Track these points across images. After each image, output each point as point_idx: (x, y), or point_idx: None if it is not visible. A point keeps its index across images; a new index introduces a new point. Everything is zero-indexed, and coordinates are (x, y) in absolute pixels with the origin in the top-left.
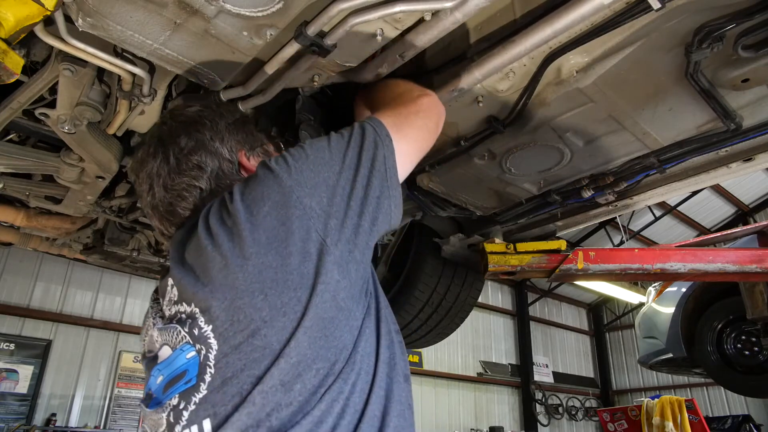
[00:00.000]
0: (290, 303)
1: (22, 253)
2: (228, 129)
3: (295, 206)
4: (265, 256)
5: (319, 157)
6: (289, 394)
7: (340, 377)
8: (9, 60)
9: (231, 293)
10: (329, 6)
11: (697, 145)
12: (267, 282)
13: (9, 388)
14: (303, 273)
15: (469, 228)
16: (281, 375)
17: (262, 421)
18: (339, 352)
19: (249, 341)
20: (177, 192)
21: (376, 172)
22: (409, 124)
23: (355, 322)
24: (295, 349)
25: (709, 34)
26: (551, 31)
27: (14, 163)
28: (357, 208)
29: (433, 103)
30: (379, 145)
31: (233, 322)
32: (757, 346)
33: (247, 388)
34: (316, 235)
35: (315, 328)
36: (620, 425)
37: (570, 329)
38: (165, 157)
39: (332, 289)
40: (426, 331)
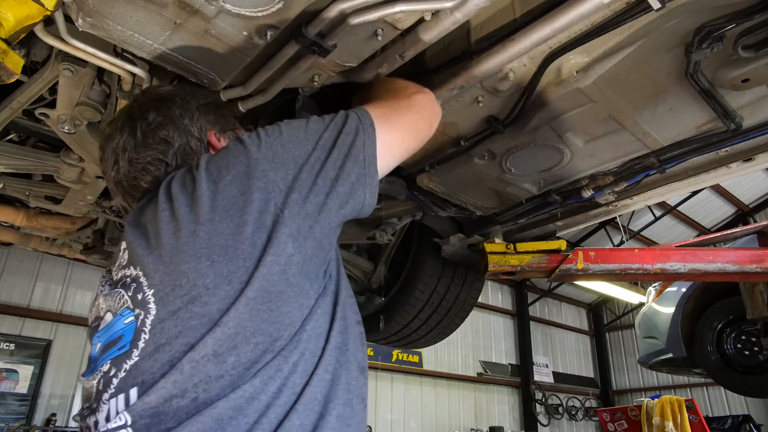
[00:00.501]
0: (237, 272)
1: (22, 253)
2: (199, 108)
3: (258, 178)
4: (219, 222)
5: (293, 135)
6: (222, 366)
7: (281, 354)
8: (9, 60)
9: (177, 257)
10: (329, 6)
11: (697, 145)
12: (216, 248)
13: (9, 388)
14: (255, 242)
15: (469, 228)
16: (215, 345)
17: (188, 391)
18: (283, 329)
19: (188, 307)
20: (142, 165)
21: (352, 157)
22: (397, 117)
23: (306, 300)
24: (235, 320)
25: (709, 34)
26: (551, 30)
27: (14, 163)
28: (325, 187)
29: (428, 102)
30: (360, 132)
31: (174, 287)
32: (757, 346)
33: (178, 356)
34: (275, 207)
35: (259, 300)
36: (620, 425)
37: (570, 329)
38: (132, 132)
39: (283, 262)
40: (426, 331)
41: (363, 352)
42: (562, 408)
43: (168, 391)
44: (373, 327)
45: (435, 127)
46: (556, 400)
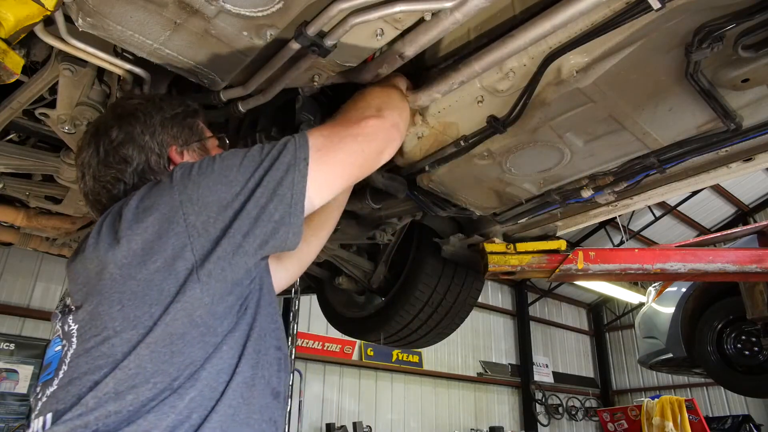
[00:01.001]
0: (142, 317)
1: (22, 253)
2: (162, 123)
3: (178, 222)
4: (133, 267)
5: (223, 175)
6: (121, 402)
7: (177, 392)
8: (9, 60)
9: (97, 298)
10: (329, 6)
11: (697, 145)
12: (127, 293)
13: (9, 388)
14: (162, 290)
15: (469, 228)
16: (116, 384)
17: (90, 424)
18: (184, 368)
19: (98, 347)
20: (103, 184)
21: (277, 196)
22: (339, 148)
23: (213, 338)
24: (135, 362)
25: (709, 34)
26: (550, 26)
27: (14, 163)
28: (244, 228)
29: (379, 128)
30: (291, 169)
31: (91, 326)
32: (757, 346)
33: (84, 392)
34: (191, 254)
35: (160, 344)
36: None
37: (570, 329)
38: (96, 149)
39: (189, 306)
40: (426, 331)
41: (279, 378)
42: (562, 408)
43: (74, 423)
44: (372, 328)
45: (388, 153)
46: (556, 400)
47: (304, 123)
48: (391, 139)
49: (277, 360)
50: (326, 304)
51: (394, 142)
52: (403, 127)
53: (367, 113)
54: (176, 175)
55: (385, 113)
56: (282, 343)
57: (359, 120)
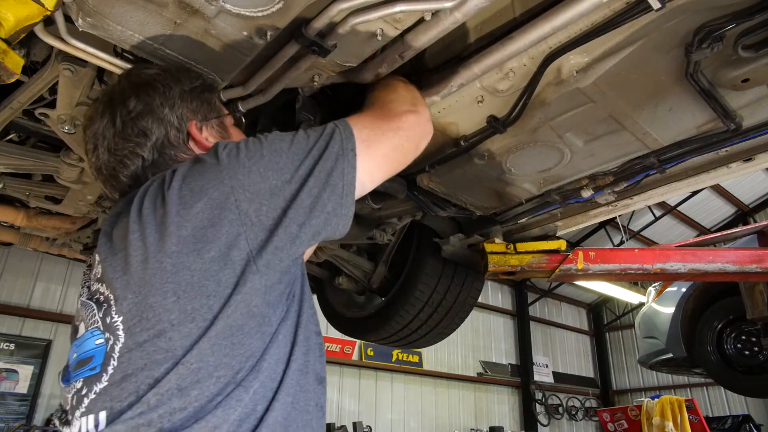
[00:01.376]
0: (201, 310)
1: (22, 253)
2: (182, 96)
3: (230, 209)
4: (186, 256)
5: (273, 161)
6: (185, 398)
7: (241, 385)
8: (9, 60)
9: (145, 289)
10: (329, 6)
11: (697, 145)
12: (182, 284)
13: (9, 388)
14: (220, 281)
15: (469, 228)
16: (179, 380)
17: (153, 422)
18: (245, 361)
19: (153, 341)
20: (119, 157)
21: (329, 186)
22: (383, 141)
23: (268, 328)
24: (197, 356)
25: (709, 34)
26: (550, 28)
27: (14, 163)
28: (300, 219)
29: (417, 122)
30: (340, 159)
31: (141, 319)
32: (757, 346)
33: (143, 389)
34: (245, 243)
35: (221, 336)
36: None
37: (570, 329)
38: (112, 119)
39: (248, 298)
40: (426, 331)
41: (321, 363)
42: (562, 408)
43: (136, 422)
44: (372, 328)
45: (422, 147)
46: (556, 400)
47: (304, 123)
48: (427, 132)
49: (318, 345)
50: (326, 304)
51: (428, 136)
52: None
53: (405, 107)
54: (222, 156)
55: (420, 108)
56: (319, 327)
57: (399, 114)
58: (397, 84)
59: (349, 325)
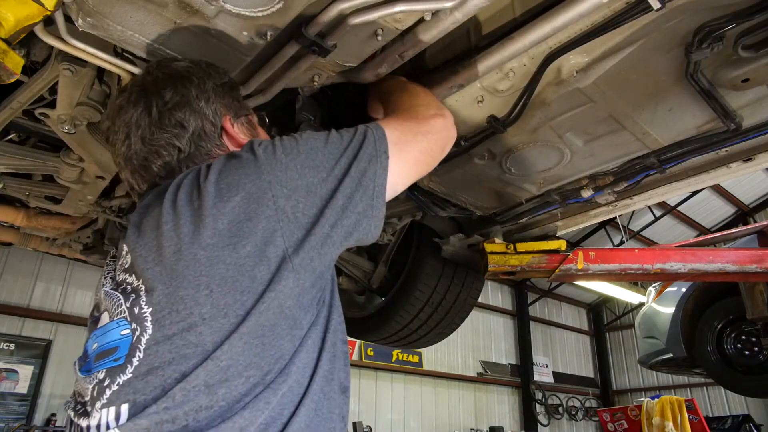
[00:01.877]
0: (234, 305)
1: (22, 253)
2: (215, 90)
3: (267, 205)
4: (221, 249)
5: (310, 158)
6: (212, 397)
7: (270, 387)
8: (9, 60)
9: (177, 280)
10: (329, 6)
11: (697, 145)
12: (216, 278)
13: (9, 388)
14: (255, 277)
15: (469, 228)
16: (207, 376)
17: (178, 418)
18: (274, 362)
19: (183, 335)
20: (155, 148)
21: (362, 188)
22: (414, 144)
23: (299, 331)
24: (227, 353)
25: (709, 34)
26: (550, 28)
27: (14, 163)
28: (332, 219)
29: (445, 126)
30: (373, 161)
31: (171, 311)
32: (757, 346)
33: (170, 383)
34: (281, 240)
35: (253, 335)
36: (620, 425)
37: (570, 329)
38: (147, 108)
39: (281, 297)
40: (426, 331)
41: (346, 372)
42: (562, 408)
43: (160, 417)
44: (372, 328)
45: (447, 150)
46: (556, 400)
47: (304, 123)
48: (453, 136)
49: (344, 354)
50: None
51: (453, 139)
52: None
53: (432, 111)
54: (259, 152)
55: (445, 112)
56: (346, 336)
57: (428, 118)
58: (416, 88)
59: (349, 325)
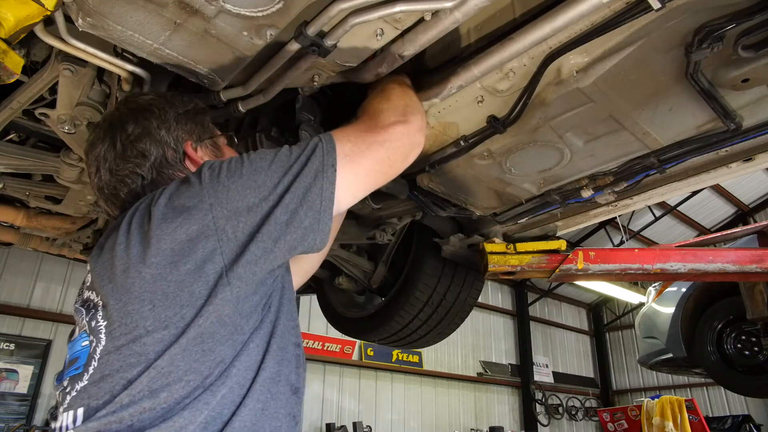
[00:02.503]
0: (174, 318)
1: (22, 253)
2: (177, 118)
3: (208, 226)
4: (164, 267)
5: (252, 179)
6: (155, 399)
7: (209, 389)
8: (9, 60)
9: (126, 296)
10: (329, 6)
11: (697, 145)
12: (158, 293)
13: (9, 388)
14: (193, 292)
15: (469, 228)
16: (150, 382)
17: (124, 419)
18: (215, 366)
19: (129, 345)
20: (120, 177)
21: (306, 203)
22: (366, 156)
23: (240, 336)
24: (168, 361)
25: (709, 34)
26: (550, 29)
27: (14, 163)
28: (275, 234)
29: (405, 134)
30: (319, 176)
31: (121, 324)
32: (757, 346)
33: (118, 390)
34: (220, 258)
35: (192, 343)
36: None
37: (570, 329)
38: (112, 143)
39: (219, 308)
40: (426, 331)
41: (298, 374)
42: (562, 408)
43: (107, 419)
44: (373, 328)
45: (412, 158)
46: (556, 400)
47: (304, 123)
48: (417, 143)
49: (296, 356)
50: (326, 304)
51: (418, 146)
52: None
53: (393, 118)
54: (205, 176)
55: (410, 117)
56: (299, 339)
57: (386, 126)
58: (391, 90)
59: (349, 325)
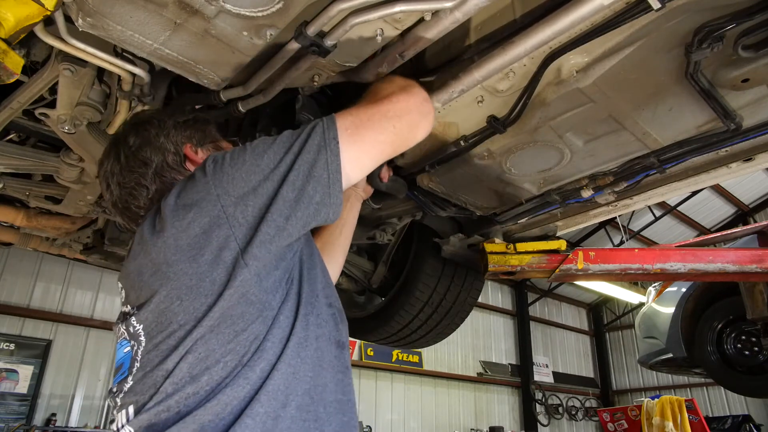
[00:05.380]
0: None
1: (22, 253)
2: (176, 126)
3: (219, 216)
4: (183, 263)
5: (255, 163)
6: (197, 384)
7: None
8: (9, 60)
9: (157, 297)
10: (329, 6)
11: (697, 145)
12: (183, 289)
13: (9, 388)
14: (215, 280)
15: (469, 228)
16: (190, 369)
17: (172, 407)
18: (249, 344)
19: (166, 341)
20: (128, 190)
21: (313, 179)
22: (370, 126)
23: (270, 312)
24: (203, 346)
25: (709, 34)
26: (551, 32)
27: (14, 163)
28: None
29: (408, 101)
30: (323, 150)
31: (157, 324)
32: (757, 346)
33: (160, 381)
34: (235, 243)
35: (223, 326)
36: (620, 425)
37: (570, 329)
38: (117, 157)
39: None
40: (426, 331)
41: (339, 330)
42: (562, 408)
43: (156, 409)
44: (372, 328)
45: (423, 128)
46: (556, 400)
47: (304, 123)
48: (425, 112)
49: (332, 316)
50: None
51: (429, 116)
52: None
53: (393, 89)
54: (209, 168)
55: (411, 88)
56: (333, 299)
57: (386, 96)
58: (393, 76)
59: (349, 325)
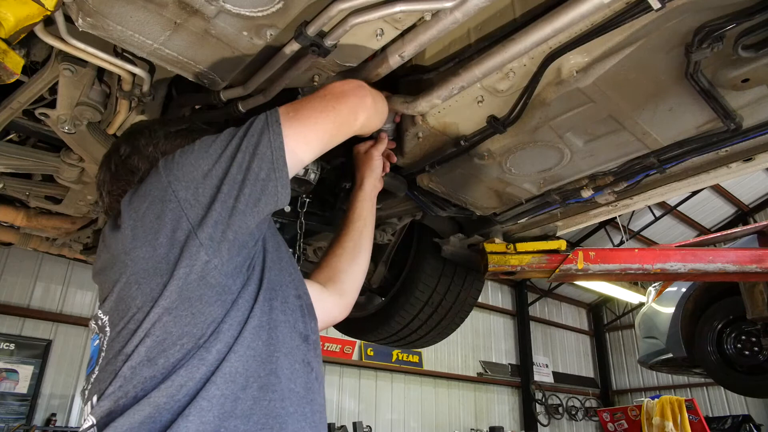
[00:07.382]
0: (157, 289)
1: (22, 253)
2: (166, 136)
3: (170, 200)
4: (140, 249)
5: (202, 150)
6: (154, 367)
7: (203, 347)
8: (9, 60)
9: (118, 286)
10: (329, 6)
11: (697, 145)
12: (140, 273)
13: (9, 388)
14: (170, 260)
15: (469, 228)
16: (147, 352)
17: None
18: (206, 327)
19: (127, 326)
20: (116, 197)
21: (258, 156)
22: (310, 107)
23: (229, 296)
24: (160, 329)
25: (709, 34)
26: (551, 30)
27: (14, 163)
28: (234, 192)
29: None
30: (265, 131)
31: (118, 311)
32: (757, 346)
33: (119, 366)
34: (186, 222)
35: (180, 308)
36: (620, 425)
37: (570, 329)
38: (108, 166)
39: (199, 270)
40: (426, 331)
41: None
42: (562, 408)
43: (116, 395)
44: (372, 328)
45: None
46: (556, 400)
47: None
48: (362, 96)
49: (299, 307)
50: None
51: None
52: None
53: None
54: (161, 164)
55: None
56: (302, 292)
57: (326, 86)
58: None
59: (349, 325)
